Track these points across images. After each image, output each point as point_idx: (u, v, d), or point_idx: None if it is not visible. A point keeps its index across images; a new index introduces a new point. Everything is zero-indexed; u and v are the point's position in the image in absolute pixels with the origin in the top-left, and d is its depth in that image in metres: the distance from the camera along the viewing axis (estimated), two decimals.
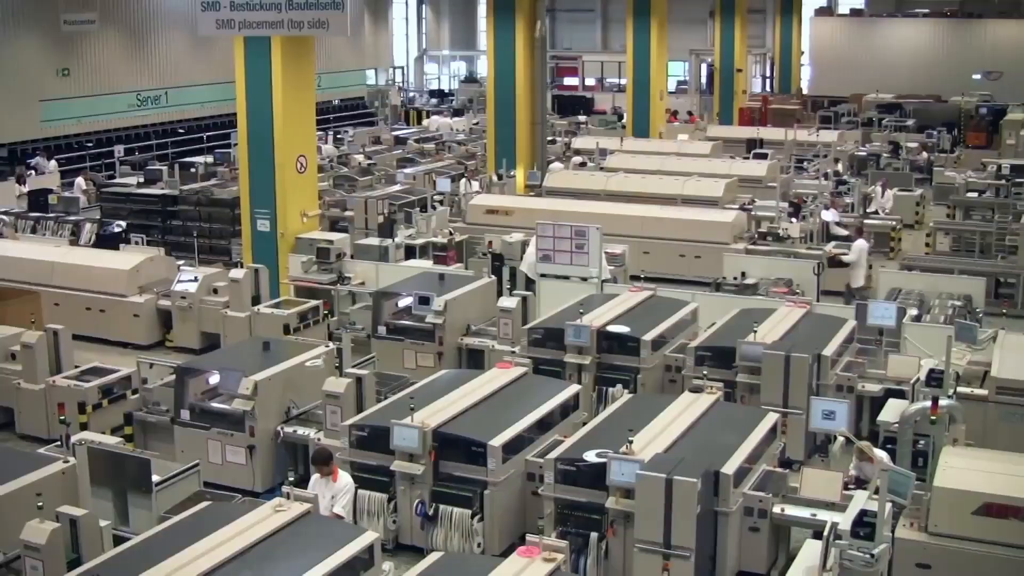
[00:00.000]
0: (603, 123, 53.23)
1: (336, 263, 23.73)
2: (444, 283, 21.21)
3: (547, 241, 22.12)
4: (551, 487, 13.76)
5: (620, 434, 13.72)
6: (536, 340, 18.61)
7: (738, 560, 13.78)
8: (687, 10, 62.74)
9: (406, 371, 19.06)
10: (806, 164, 39.31)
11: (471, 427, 14.72)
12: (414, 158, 40.84)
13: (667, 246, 27.98)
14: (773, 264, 24.76)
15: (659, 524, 12.63)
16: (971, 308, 21.99)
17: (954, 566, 12.34)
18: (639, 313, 19.51)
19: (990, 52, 62.53)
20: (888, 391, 17.51)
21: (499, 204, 30.46)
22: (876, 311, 19.17)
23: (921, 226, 33.89)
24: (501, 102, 35.48)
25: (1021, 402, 16.15)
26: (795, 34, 67.75)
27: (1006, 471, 12.84)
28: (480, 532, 14.27)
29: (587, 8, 76.04)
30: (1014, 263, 26.58)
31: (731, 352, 17.67)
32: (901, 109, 53.18)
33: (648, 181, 33.02)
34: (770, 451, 14.92)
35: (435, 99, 68.61)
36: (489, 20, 36.11)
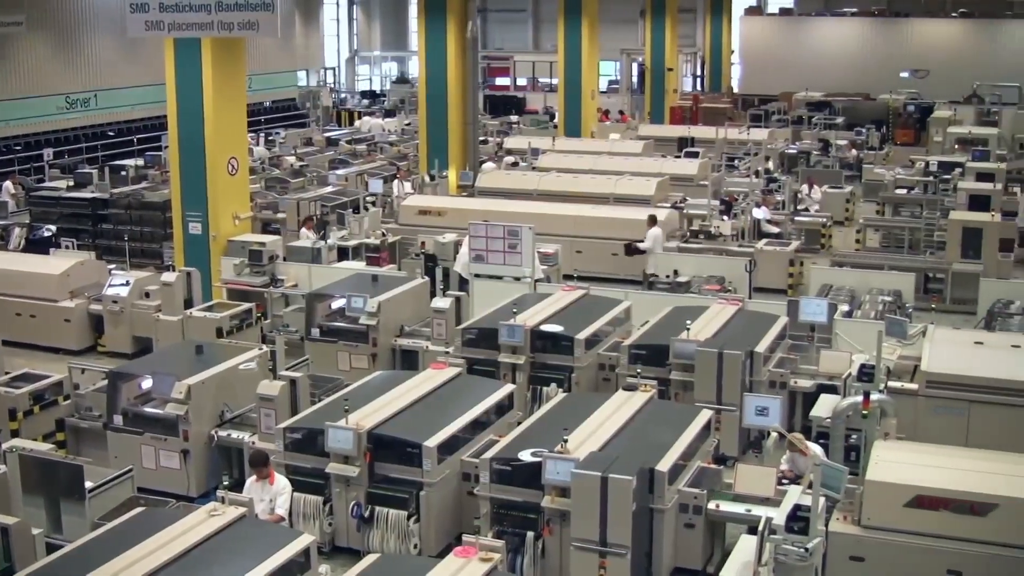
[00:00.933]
0: (535, 123, 53.26)
1: (269, 265, 23.64)
2: (377, 284, 21.18)
3: (480, 241, 22.12)
4: (487, 487, 13.78)
5: (555, 433, 13.78)
6: (470, 340, 18.62)
7: (674, 557, 13.87)
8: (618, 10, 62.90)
9: (340, 373, 19.03)
10: (737, 162, 39.52)
11: (406, 428, 14.71)
12: (346, 159, 40.70)
13: (600, 245, 28.06)
14: (705, 262, 24.93)
15: (595, 522, 12.68)
16: (901, 303, 22.25)
17: (887, 558, 12.47)
18: (572, 312, 19.56)
19: (917, 50, 63.14)
20: (820, 386, 17.68)
21: (431, 205, 30.42)
22: (808, 307, 19.33)
23: (851, 223, 34.21)
24: (433, 103, 35.43)
25: (951, 395, 16.33)
26: (725, 33, 68.06)
27: (937, 463, 12.99)
28: (416, 533, 14.27)
29: (518, 8, 76.08)
30: (942, 259, 26.89)
31: (664, 350, 17.76)
32: (830, 107, 53.61)
33: (580, 180, 33.08)
34: (704, 448, 15.02)
35: (367, 100, 68.42)
36: (420, 21, 36.05)
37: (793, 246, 27.54)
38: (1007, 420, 16.01)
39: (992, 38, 63.69)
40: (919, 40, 64.27)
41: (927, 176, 35.10)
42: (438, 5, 34.86)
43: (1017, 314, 21.10)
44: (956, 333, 18.39)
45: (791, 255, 27.03)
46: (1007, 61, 60.92)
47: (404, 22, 78.36)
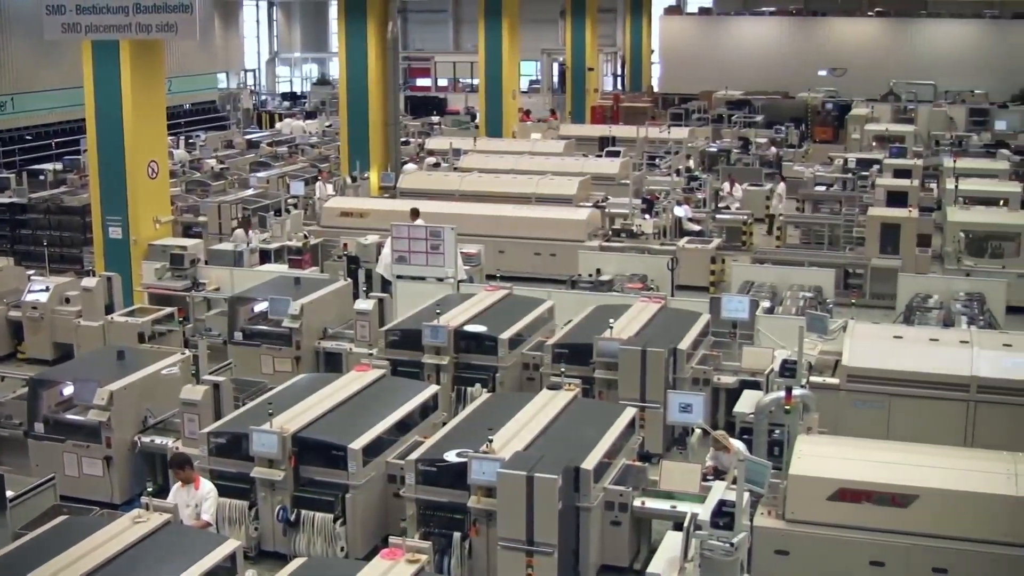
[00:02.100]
0: (456, 123, 53.24)
1: (190, 269, 23.50)
2: (300, 287, 21.11)
3: (402, 242, 22.10)
4: (412, 488, 13.79)
5: (480, 433, 13.81)
6: (393, 342, 18.61)
7: (601, 554, 13.94)
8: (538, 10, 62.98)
9: (264, 376, 18.96)
10: (658, 161, 39.73)
11: (331, 431, 14.68)
12: (267, 161, 40.47)
13: (522, 245, 28.13)
14: (627, 260, 25.05)
15: (521, 521, 12.72)
16: (821, 299, 22.49)
17: (811, 551, 12.62)
18: (496, 312, 19.60)
19: (835, 49, 63.84)
20: (743, 382, 17.85)
21: (353, 206, 30.36)
22: (729, 304, 19.47)
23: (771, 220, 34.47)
24: (354, 104, 35.35)
25: (871, 389, 16.58)
26: (645, 33, 68.38)
27: (858, 456, 13.16)
28: (343, 536, 14.24)
29: (439, 9, 76.00)
30: (861, 254, 27.20)
31: (588, 349, 17.84)
32: (750, 105, 54.08)
33: (502, 180, 33.14)
34: (629, 445, 15.10)
35: (287, 102, 68.08)
36: (340, 22, 35.94)
37: (714, 244, 27.75)
38: (926, 413, 16.28)
39: (908, 36, 64.54)
40: (836, 39, 65.01)
41: (846, 173, 35.55)
42: (358, 6, 34.78)
43: (935, 308, 21.38)
44: (876, 328, 18.59)
45: (712, 253, 27.23)
46: (922, 59, 61.82)
47: (324, 23, 78.06)
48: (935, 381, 16.43)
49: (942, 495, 12.38)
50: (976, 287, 22.34)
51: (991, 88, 58.76)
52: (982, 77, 59.92)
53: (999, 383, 16.28)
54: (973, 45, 63.40)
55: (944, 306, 21.54)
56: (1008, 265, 25.63)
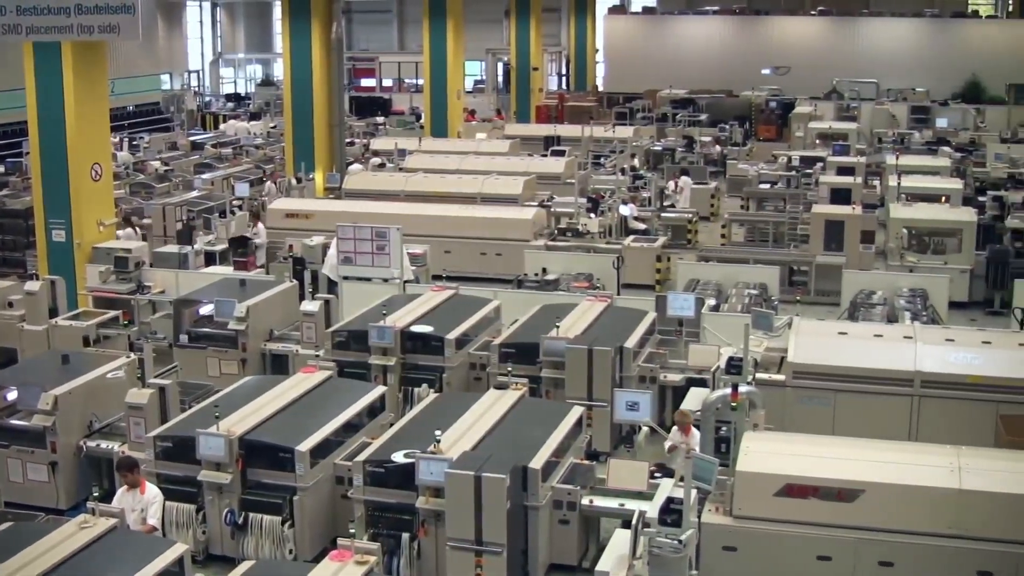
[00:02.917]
0: (401, 124, 53.15)
1: (135, 272, 23.36)
2: (245, 289, 21.03)
3: (348, 243, 22.05)
4: (360, 489, 13.77)
5: (427, 434, 13.80)
6: (340, 343, 18.59)
7: (549, 553, 13.98)
8: (483, 10, 62.99)
9: (210, 379, 18.83)
10: (603, 160, 39.85)
11: (278, 433, 14.64)
12: (212, 163, 40.30)
13: (468, 245, 28.15)
14: (573, 259, 25.10)
15: (470, 521, 12.74)
16: (766, 296, 22.63)
17: (759, 547, 12.66)
18: (442, 312, 19.60)
19: (778, 48, 64.20)
20: (689, 380, 17.98)
21: (299, 208, 30.28)
22: (675, 302, 19.56)
23: (716, 218, 34.70)
24: (298, 105, 35.25)
25: (817, 385, 16.71)
26: (589, 32, 68.52)
27: (805, 452, 13.22)
28: (291, 538, 14.20)
29: (383, 9, 75.87)
30: (806, 251, 27.40)
31: (535, 348, 17.88)
32: (694, 104, 54.30)
33: (447, 181, 33.14)
34: (577, 444, 15.14)
35: (232, 103, 67.75)
36: (284, 22, 35.85)
37: (660, 242, 27.86)
38: (871, 408, 16.43)
39: (850, 35, 65.04)
40: (780, 37, 65.42)
41: (789, 171, 35.75)
42: (302, 7, 34.68)
43: (879, 304, 21.56)
44: (820, 324, 18.72)
45: (658, 251, 27.35)
46: (865, 57, 62.34)
47: (268, 24, 77.78)
48: (879, 376, 16.59)
49: (887, 489, 12.46)
50: (919, 283, 22.54)
51: (932, 86, 59.26)
52: (923, 75, 60.49)
53: (942, 378, 16.45)
54: (914, 43, 63.99)
55: (888, 302, 21.72)
56: (950, 261, 25.87)
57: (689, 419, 15.20)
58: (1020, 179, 34.91)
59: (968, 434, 14.92)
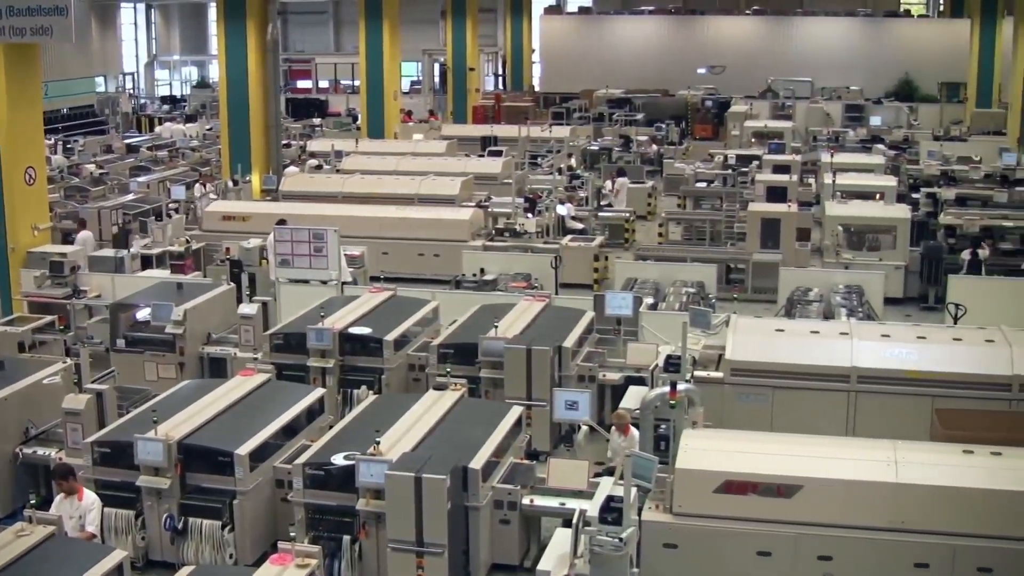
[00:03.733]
0: (338, 125, 53.05)
1: (70, 276, 23.17)
2: (182, 292, 20.91)
3: (285, 245, 21.98)
4: (300, 492, 13.73)
5: (367, 435, 13.78)
6: (278, 345, 18.52)
7: (491, 553, 13.99)
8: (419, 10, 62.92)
9: (147, 384, 18.71)
10: (540, 160, 39.92)
11: (217, 437, 14.57)
12: (147, 166, 40.08)
13: (406, 246, 28.12)
14: (511, 259, 25.14)
15: (411, 523, 12.73)
16: (704, 294, 22.75)
17: (699, 544, 12.75)
18: (380, 314, 19.58)
19: (713, 47, 64.56)
20: (628, 378, 18.06)
21: (235, 210, 30.14)
22: (613, 301, 19.62)
23: (653, 217, 34.84)
24: (234, 107, 35.08)
25: (755, 382, 16.79)
26: (525, 32, 68.55)
27: (743, 449, 13.31)
28: (231, 543, 14.13)
29: (319, 10, 75.67)
30: (743, 249, 27.56)
31: (473, 348, 17.90)
32: (630, 104, 54.53)
33: (384, 182, 33.07)
34: (516, 444, 15.17)
35: (167, 105, 67.31)
36: (220, 24, 35.63)
37: (597, 241, 27.93)
38: (809, 404, 16.55)
39: (785, 34, 65.50)
40: (715, 37, 65.77)
41: (726, 169, 35.95)
42: (237, 8, 34.52)
43: (815, 301, 21.72)
44: (758, 322, 18.80)
45: (596, 250, 27.41)
46: (799, 56, 62.81)
47: (203, 26, 77.33)
48: (817, 373, 16.69)
49: (826, 484, 12.57)
50: (855, 279, 22.74)
51: (866, 84, 59.82)
52: (857, 74, 61.02)
53: (878, 373, 16.59)
54: (848, 43, 64.52)
55: (824, 299, 21.89)
56: (885, 257, 26.11)
57: (627, 419, 15.25)
58: (953, 176, 35.29)
59: (904, 428, 15.04)
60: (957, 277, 23.23)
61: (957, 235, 27.57)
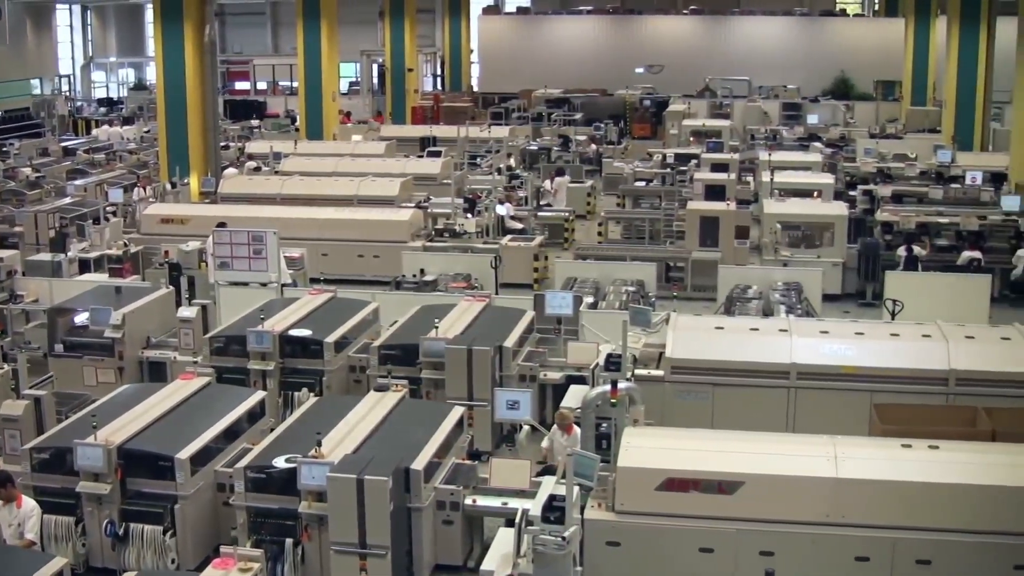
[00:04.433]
0: (276, 126, 52.91)
1: (7, 281, 22.97)
2: (121, 296, 20.74)
3: (224, 248, 21.88)
4: (242, 496, 13.66)
5: (308, 438, 13.74)
6: (218, 349, 18.44)
7: (434, 554, 13.98)
8: (357, 11, 62.84)
9: (86, 389, 18.58)
10: (479, 160, 39.93)
11: (157, 441, 14.47)
12: (84, 169, 39.82)
13: (345, 247, 28.03)
14: (451, 260, 25.15)
15: (353, 525, 12.70)
16: (644, 293, 22.85)
17: (642, 541, 12.80)
18: (321, 315, 19.52)
19: (651, 46, 64.85)
20: (569, 378, 18.08)
21: (174, 213, 29.97)
22: (553, 301, 19.66)
23: (593, 216, 34.92)
24: (172, 109, 34.91)
25: (695, 380, 16.88)
26: (464, 33, 68.60)
27: (685, 446, 13.39)
28: (173, 547, 14.04)
29: (257, 11, 75.39)
30: (682, 248, 27.70)
31: (414, 349, 17.89)
32: (569, 103, 54.67)
33: (324, 183, 33.05)
34: (458, 444, 15.16)
35: (104, 108, 66.86)
36: (156, 25, 35.42)
37: (537, 241, 27.96)
38: (749, 400, 16.65)
39: (722, 34, 65.91)
40: (653, 36, 66.07)
41: (664, 168, 36.15)
42: (174, 9, 34.33)
43: (754, 298, 21.85)
44: (697, 319, 18.89)
45: (535, 250, 27.45)
46: (737, 55, 63.19)
47: (140, 27, 76.84)
48: (756, 370, 16.82)
49: (767, 480, 12.66)
50: (793, 276, 22.89)
51: (803, 83, 60.30)
52: (794, 72, 61.46)
53: (817, 369, 16.73)
54: (785, 41, 65.02)
55: (763, 296, 22.03)
56: (823, 254, 26.31)
57: (569, 419, 15.30)
58: (889, 173, 35.63)
59: (843, 424, 15.16)
60: (894, 273, 23.48)
61: (894, 232, 27.81)
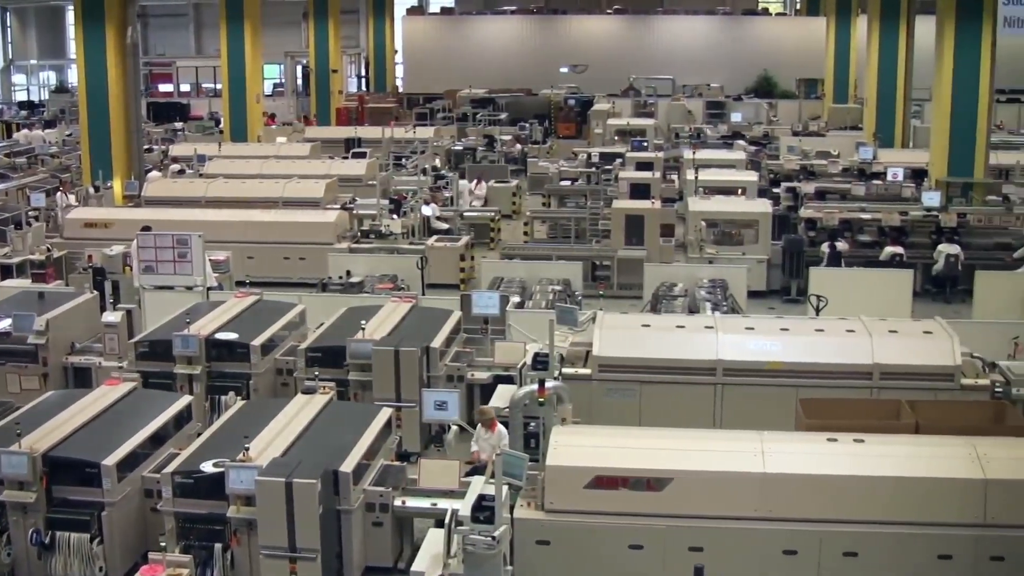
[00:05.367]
0: (200, 129, 52.60)
1: None
2: (44, 302, 20.53)
3: (149, 251, 21.73)
4: (170, 502, 13.55)
5: (236, 442, 13.66)
6: (144, 353, 18.27)
7: (364, 556, 13.94)
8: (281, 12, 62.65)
9: (10, 396, 18.36)
10: (404, 161, 39.90)
11: (83, 448, 14.34)
12: (5, 173, 39.38)
13: (271, 249, 27.94)
14: (377, 261, 25.12)
15: (282, 528, 12.64)
16: (570, 291, 22.95)
17: (571, 540, 12.82)
18: (247, 318, 19.42)
19: (575, 46, 65.06)
20: (497, 377, 18.12)
21: (98, 217, 29.73)
22: (480, 301, 19.66)
23: (519, 216, 34.99)
24: (94, 112, 34.64)
25: (622, 378, 16.93)
26: (388, 33, 68.55)
27: (613, 444, 13.43)
28: (101, 555, 13.91)
29: (179, 12, 74.92)
30: (608, 246, 27.80)
31: (341, 351, 17.83)
32: (494, 103, 54.73)
33: (248, 185, 32.92)
34: (387, 445, 15.14)
35: (25, 111, 66.20)
36: (78, 27, 35.13)
37: (463, 241, 27.98)
38: (676, 397, 16.72)
39: (646, 33, 66.24)
40: (577, 36, 66.27)
41: (589, 167, 36.30)
42: (96, 11, 34.06)
43: (680, 296, 21.98)
44: (624, 317, 18.96)
45: (461, 250, 27.47)
46: (661, 54, 63.54)
47: (61, 29, 76.14)
48: (683, 367, 16.88)
49: (695, 476, 12.73)
50: (718, 274, 23.06)
51: (726, 82, 60.78)
52: (718, 71, 61.93)
53: (743, 365, 16.83)
54: (708, 40, 65.47)
55: (689, 293, 22.17)
56: (748, 251, 26.54)
57: (491, 415, 15.33)
58: (812, 171, 36.00)
59: (770, 419, 15.23)
60: (818, 269, 23.67)
61: (817, 228, 28.08)
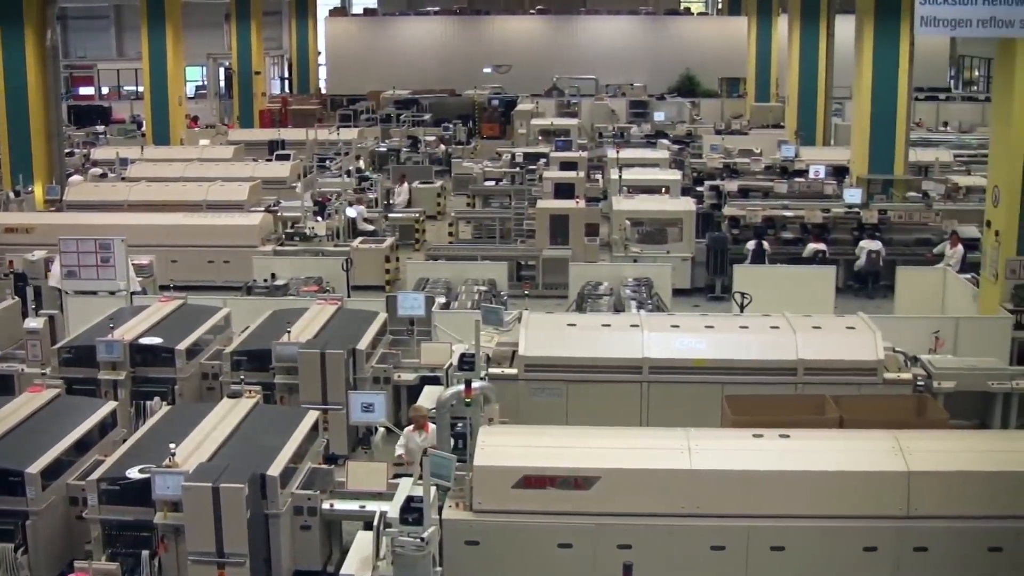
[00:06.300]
0: (122, 132, 52.09)
1: None
2: None
3: (71, 257, 21.53)
4: (96, 509, 13.44)
5: (162, 447, 13.56)
6: (67, 360, 18.10)
7: (293, 559, 13.88)
8: (202, 14, 62.25)
9: None
10: (328, 163, 39.77)
11: (5, 456, 14.16)
12: None
13: (195, 253, 27.75)
14: (302, 263, 25.06)
15: (210, 533, 12.56)
16: (496, 292, 22.98)
17: (500, 539, 12.83)
18: (171, 323, 19.28)
19: (499, 46, 65.17)
20: (423, 378, 18.11)
21: (18, 222, 29.39)
22: (405, 302, 19.66)
23: (443, 216, 35.00)
24: (13, 115, 34.25)
25: (548, 377, 16.99)
26: (311, 35, 68.35)
27: (540, 443, 13.43)
28: (25, 565, 13.75)
29: (100, 15, 74.24)
30: (532, 246, 27.86)
31: (267, 354, 17.77)
32: (418, 104, 54.69)
33: (171, 188, 32.69)
34: (314, 448, 15.08)
35: None
36: None
37: (388, 243, 27.94)
38: (602, 396, 16.81)
39: (569, 33, 66.45)
40: (500, 36, 66.39)
41: (514, 167, 36.32)
42: (14, 13, 33.68)
43: (606, 295, 22.06)
44: (549, 317, 19.01)
45: (386, 252, 27.43)
46: (584, 54, 63.77)
47: None
48: (609, 365, 16.97)
49: (622, 474, 12.76)
50: (643, 272, 23.19)
51: (649, 81, 61.12)
52: (641, 71, 62.27)
53: (669, 363, 16.93)
54: (631, 40, 65.77)
55: (614, 292, 22.25)
56: (672, 250, 26.69)
57: (423, 413, 15.33)
58: (735, 169, 36.26)
59: (696, 416, 15.32)
60: (742, 267, 23.87)
61: (741, 226, 28.29)
